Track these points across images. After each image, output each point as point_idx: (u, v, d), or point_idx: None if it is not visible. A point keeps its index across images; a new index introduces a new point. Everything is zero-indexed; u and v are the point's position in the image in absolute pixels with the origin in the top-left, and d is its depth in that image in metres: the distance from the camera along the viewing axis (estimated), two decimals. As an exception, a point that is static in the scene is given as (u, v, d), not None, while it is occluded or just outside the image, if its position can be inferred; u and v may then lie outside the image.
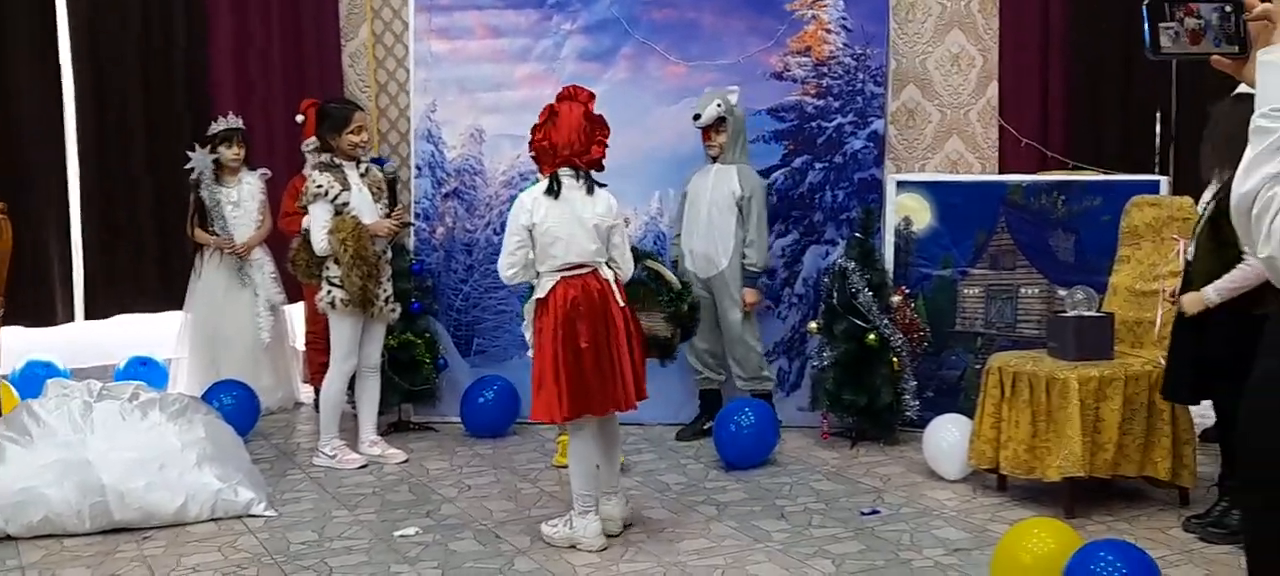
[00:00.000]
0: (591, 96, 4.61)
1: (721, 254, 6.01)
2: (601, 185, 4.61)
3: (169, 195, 7.22)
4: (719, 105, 5.97)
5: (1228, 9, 1.80)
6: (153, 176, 7.33)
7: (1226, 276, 4.34)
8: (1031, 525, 4.04)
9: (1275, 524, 1.76)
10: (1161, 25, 1.82)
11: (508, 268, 4.57)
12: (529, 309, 4.64)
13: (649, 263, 4.71)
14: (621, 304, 4.51)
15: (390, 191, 5.89)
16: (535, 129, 4.60)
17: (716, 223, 6.00)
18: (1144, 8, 1.83)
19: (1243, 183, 1.75)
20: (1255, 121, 1.74)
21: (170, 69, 7.36)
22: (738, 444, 5.66)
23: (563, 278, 4.48)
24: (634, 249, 4.63)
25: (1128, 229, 5.37)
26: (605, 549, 4.56)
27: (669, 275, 4.79)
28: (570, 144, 4.51)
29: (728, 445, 5.69)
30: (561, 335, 4.42)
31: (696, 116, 6.00)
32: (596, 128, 4.57)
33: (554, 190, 4.51)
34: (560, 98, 4.60)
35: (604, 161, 4.62)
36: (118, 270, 7.35)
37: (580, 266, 4.49)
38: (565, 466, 5.05)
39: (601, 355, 4.46)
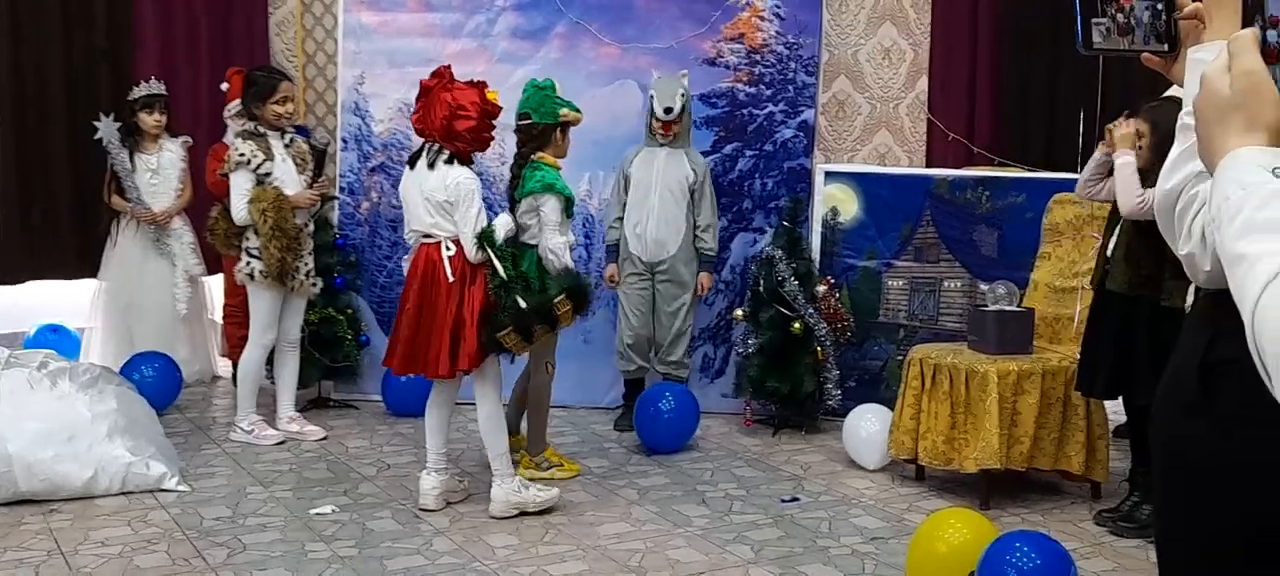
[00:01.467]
0: (449, 75, 4.75)
1: (673, 238, 5.96)
2: (464, 162, 4.70)
3: (86, 160, 7.01)
4: (682, 95, 5.91)
5: (1159, 6, 1.80)
6: (70, 140, 7.13)
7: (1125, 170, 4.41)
8: (947, 515, 4.09)
9: (1182, 520, 1.78)
10: (1094, 20, 1.83)
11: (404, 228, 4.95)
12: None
13: (487, 245, 4.63)
14: (451, 278, 4.62)
15: (318, 163, 5.79)
16: (415, 102, 4.85)
17: (668, 206, 5.94)
18: (1076, 1, 1.83)
19: (1166, 180, 1.76)
20: (1182, 119, 1.75)
21: (91, 32, 7.17)
22: (659, 429, 5.65)
23: (420, 243, 4.74)
24: (484, 232, 4.62)
25: (1049, 226, 5.44)
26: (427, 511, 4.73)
27: (499, 264, 4.62)
28: (431, 121, 4.70)
29: (649, 430, 5.67)
30: (405, 292, 4.77)
31: (668, 109, 5.85)
32: (451, 108, 4.64)
33: (411, 162, 4.83)
34: (433, 75, 4.78)
35: (465, 139, 4.68)
36: (31, 234, 7.14)
37: (427, 237, 4.71)
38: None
39: (422, 321, 4.67)
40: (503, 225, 4.80)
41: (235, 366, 6.61)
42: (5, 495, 4.70)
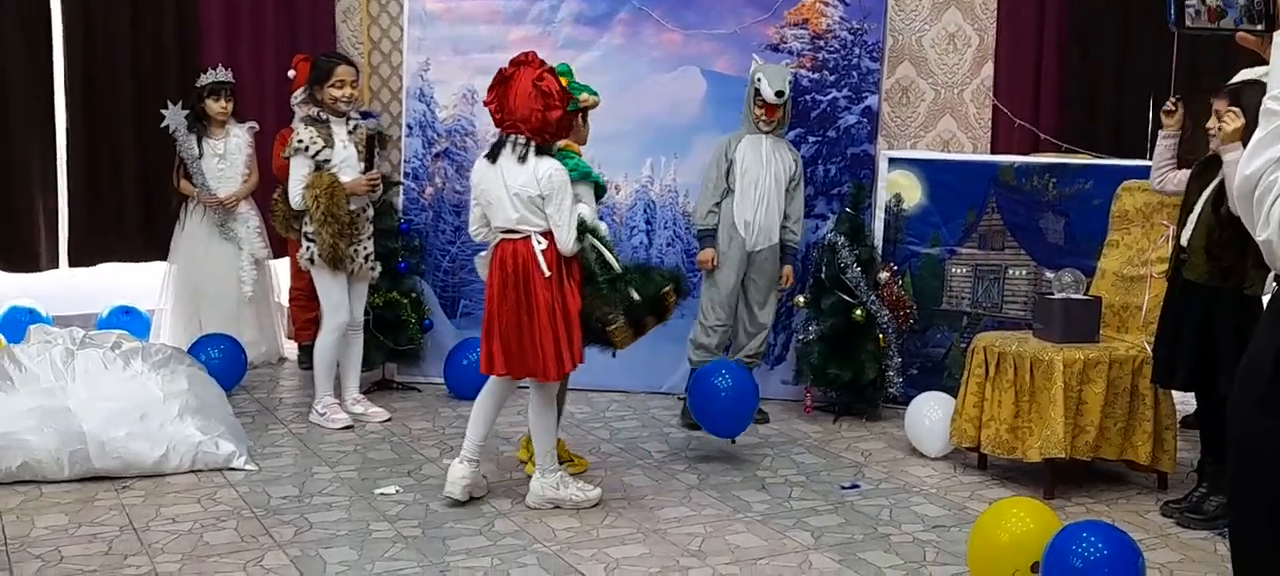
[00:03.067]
0: (543, 63, 4.55)
1: (776, 227, 5.87)
2: (548, 153, 4.53)
3: (155, 145, 7.15)
4: (790, 81, 5.83)
5: None
6: (139, 125, 7.26)
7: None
8: (1010, 504, 4.04)
9: (1256, 512, 1.76)
10: (1186, 1, 1.81)
11: (470, 224, 4.78)
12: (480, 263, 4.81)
13: (591, 238, 4.53)
14: (547, 274, 4.45)
15: (369, 149, 5.79)
16: (489, 90, 4.61)
17: (774, 196, 5.84)
18: None
19: (1247, 165, 1.74)
20: (1266, 103, 1.73)
21: (160, 17, 7.29)
22: (717, 409, 5.32)
23: (502, 239, 4.56)
24: (582, 224, 4.49)
25: (1118, 213, 5.37)
26: (458, 504, 4.65)
27: (609, 255, 4.54)
28: (514, 111, 4.49)
29: (705, 410, 5.36)
30: (493, 294, 4.55)
31: (780, 93, 5.73)
32: (546, 98, 4.47)
33: (492, 155, 4.58)
34: (513, 62, 4.57)
35: (552, 128, 4.52)
36: (102, 218, 7.30)
37: (512, 232, 4.52)
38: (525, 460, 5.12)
39: (521, 322, 4.49)
40: (590, 215, 4.63)
41: (301, 348, 6.71)
42: (80, 471, 4.82)
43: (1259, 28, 1.81)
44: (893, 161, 6.40)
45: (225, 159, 6.83)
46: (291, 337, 7.24)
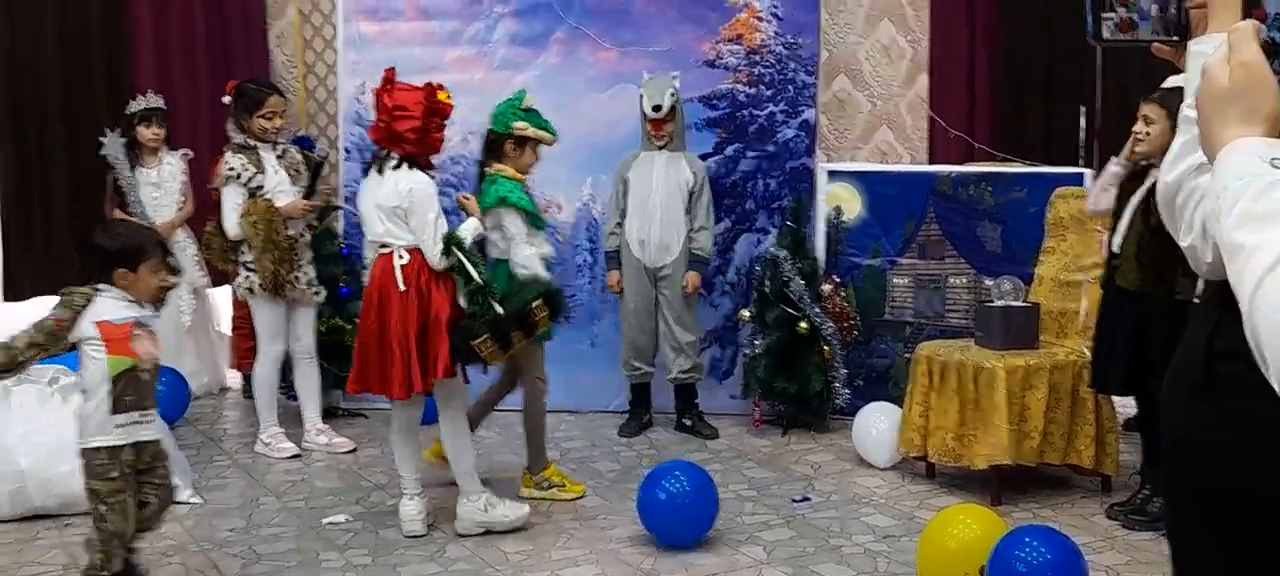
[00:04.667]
0: (391, 79, 4.61)
1: (675, 242, 5.94)
2: (418, 166, 4.54)
3: (88, 174, 7.03)
4: (672, 94, 5.91)
5: None
6: (71, 155, 7.15)
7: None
8: (957, 511, 4.11)
9: (1190, 504, 1.80)
10: (1103, 15, 1.85)
11: None
12: None
13: (455, 250, 4.47)
14: (402, 289, 4.44)
15: (312, 177, 5.75)
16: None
17: (671, 211, 5.92)
18: None
19: (1168, 172, 1.78)
20: (1183, 111, 1.77)
21: (89, 46, 7.19)
22: (670, 515, 4.48)
23: (378, 254, 4.58)
24: (450, 235, 4.45)
25: (1053, 220, 5.46)
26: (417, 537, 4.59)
27: (471, 268, 4.46)
28: (374, 126, 4.60)
29: (655, 516, 4.51)
30: (363, 308, 4.63)
31: (657, 107, 5.83)
32: (391, 111, 4.50)
33: (368, 169, 4.70)
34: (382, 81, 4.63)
35: (409, 140, 4.51)
36: (36, 250, 7.17)
37: (383, 245, 4.55)
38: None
39: (382, 337, 4.47)
40: (470, 229, 4.60)
41: (244, 377, 6.62)
42: (20, 510, 4.73)
43: (1174, 38, 1.85)
44: (832, 174, 6.45)
45: (159, 187, 6.73)
46: (234, 367, 7.15)
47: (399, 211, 4.47)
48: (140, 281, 3.72)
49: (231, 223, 5.49)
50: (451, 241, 4.46)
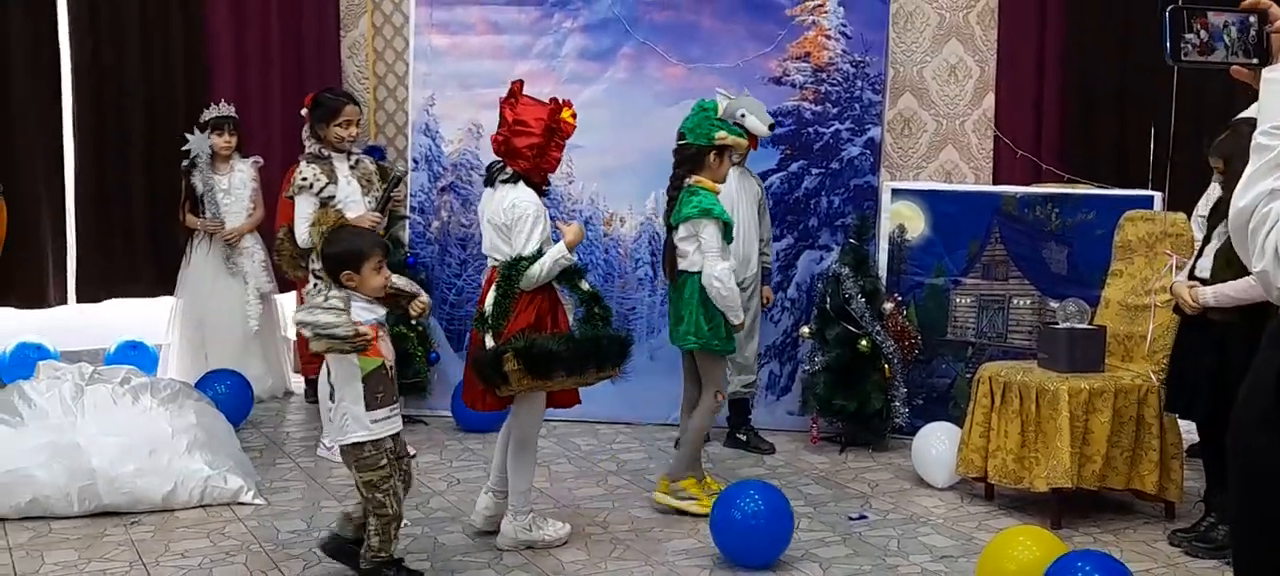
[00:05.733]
0: (517, 92, 4.59)
1: (754, 255, 5.87)
2: (531, 184, 4.48)
3: (163, 180, 7.22)
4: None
5: (1250, 20, 1.81)
6: (147, 161, 7.34)
7: (1228, 284, 4.33)
8: (1017, 533, 4.06)
9: (1257, 530, 1.78)
10: (1183, 35, 1.84)
11: None
12: None
13: (501, 273, 4.41)
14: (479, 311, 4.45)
15: (387, 190, 5.80)
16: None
17: (751, 225, 5.84)
18: (1166, 14, 1.84)
19: (1240, 198, 1.77)
20: (1256, 138, 1.76)
21: (168, 54, 7.37)
22: (743, 535, 4.41)
23: (491, 267, 4.57)
24: (510, 261, 4.37)
25: (1121, 243, 5.39)
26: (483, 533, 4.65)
27: (491, 294, 4.40)
28: (495, 138, 4.57)
29: (727, 535, 4.44)
30: (474, 322, 4.57)
31: (772, 126, 5.73)
32: (509, 123, 4.49)
33: (485, 182, 4.65)
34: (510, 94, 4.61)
35: (526, 157, 4.46)
36: (110, 254, 7.36)
37: (492, 260, 4.54)
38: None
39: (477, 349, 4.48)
40: (552, 256, 4.41)
41: (308, 382, 6.71)
42: (89, 507, 4.83)
43: (1253, 61, 1.84)
44: (896, 192, 6.43)
45: (230, 193, 6.87)
46: (298, 371, 7.26)
47: (504, 227, 4.43)
48: (366, 281, 3.95)
49: (302, 232, 5.56)
50: (509, 266, 4.40)
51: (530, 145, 4.44)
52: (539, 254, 4.39)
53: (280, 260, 5.98)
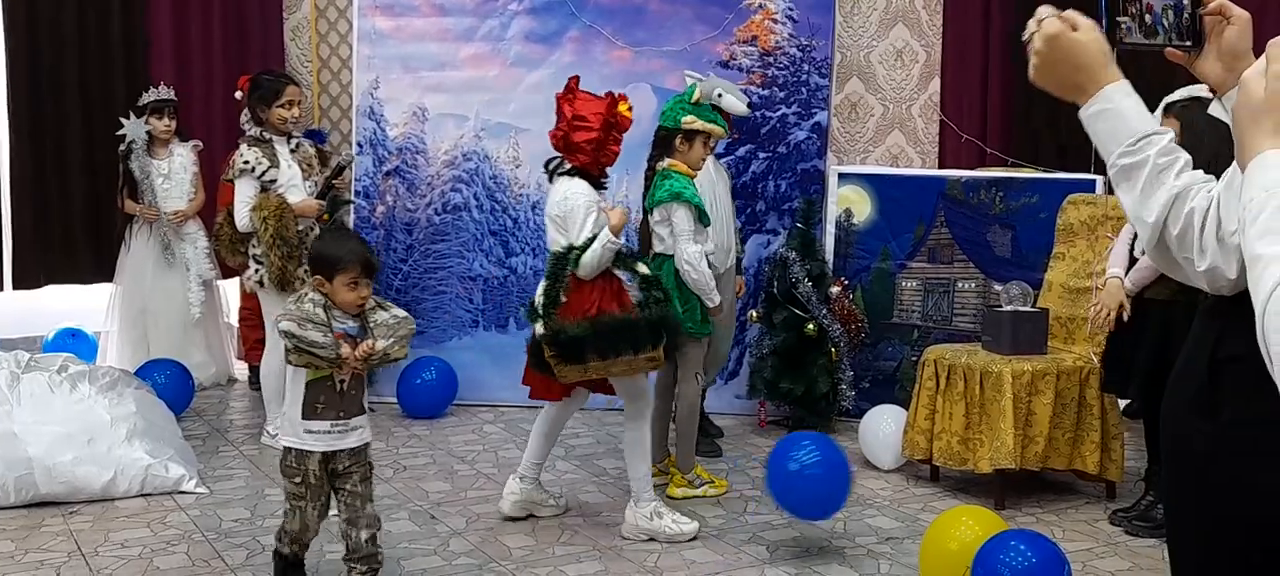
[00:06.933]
0: (574, 87, 4.55)
1: (734, 243, 5.73)
2: (588, 177, 4.49)
3: (101, 165, 7.10)
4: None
5: (1184, 3, 1.82)
6: (85, 146, 7.21)
7: (1138, 266, 4.42)
8: (960, 513, 4.09)
9: (1190, 512, 1.80)
10: (1118, 18, 1.85)
11: None
12: None
13: (640, 267, 4.47)
14: (563, 300, 4.41)
15: (331, 175, 5.73)
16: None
17: (730, 214, 5.72)
18: (1103, 1, 1.85)
19: (1145, 217, 1.75)
20: (1116, 163, 1.77)
21: (107, 38, 7.23)
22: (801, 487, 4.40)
23: None
24: (560, 252, 4.40)
25: (1063, 226, 5.45)
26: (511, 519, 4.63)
27: (542, 284, 4.41)
28: (553, 134, 4.55)
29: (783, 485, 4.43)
30: None
31: (750, 105, 5.71)
32: (569, 119, 4.47)
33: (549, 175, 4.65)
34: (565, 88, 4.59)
35: (585, 151, 4.45)
36: (47, 240, 7.22)
37: None
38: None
39: None
40: (599, 242, 4.40)
41: (251, 369, 6.64)
42: (26, 497, 4.74)
43: (1186, 44, 1.85)
44: (842, 176, 6.46)
45: (170, 178, 6.76)
46: (241, 358, 7.18)
47: (558, 219, 4.47)
48: (335, 293, 3.67)
49: (242, 215, 5.50)
50: (557, 257, 4.41)
51: (588, 140, 4.45)
52: (590, 242, 4.42)
53: (219, 245, 5.90)
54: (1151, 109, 4.66)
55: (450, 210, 6.64)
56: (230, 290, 7.24)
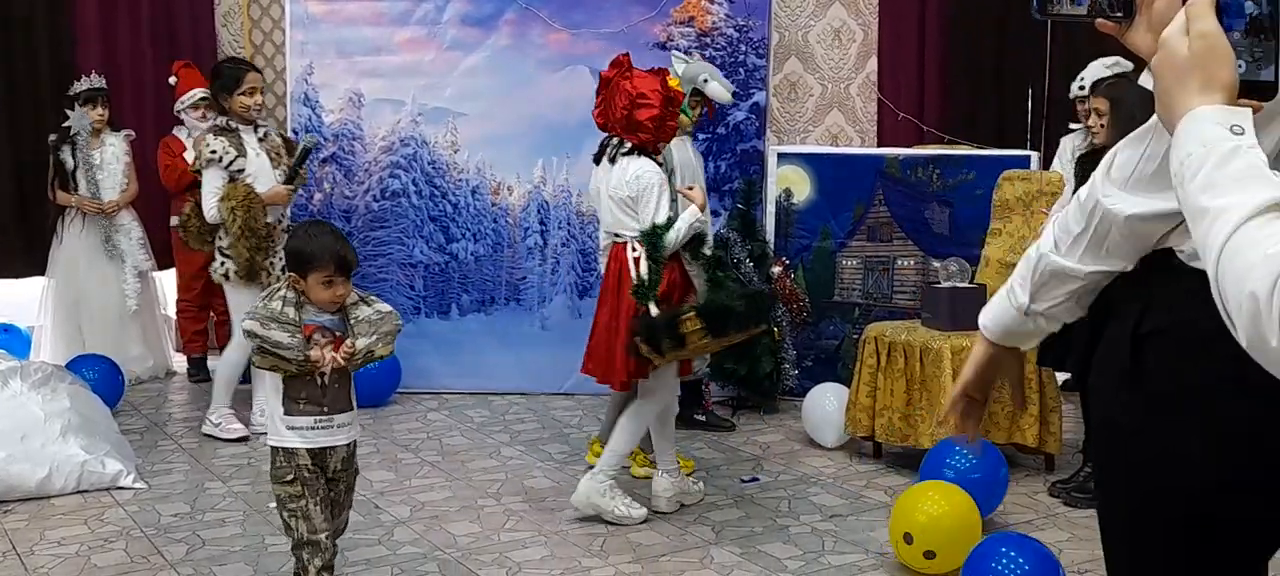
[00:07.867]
0: (628, 65, 4.51)
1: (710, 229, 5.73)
2: (647, 154, 4.46)
3: (30, 157, 6.94)
4: None
5: None
6: (12, 137, 7.05)
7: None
8: (929, 487, 4.07)
9: (1118, 486, 1.83)
10: None
11: None
12: None
13: (645, 243, 4.39)
14: (636, 281, 4.39)
15: (297, 162, 5.62)
16: (595, 97, 4.61)
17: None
18: None
19: (1067, 258, 1.80)
20: (1065, 215, 1.79)
21: (31, 24, 7.07)
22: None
23: (613, 243, 4.55)
24: (647, 231, 4.34)
25: (999, 202, 5.50)
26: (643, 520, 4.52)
27: (642, 262, 4.39)
28: (609, 113, 4.49)
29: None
30: (600, 296, 4.59)
31: (734, 93, 5.69)
32: (631, 97, 4.41)
33: (597, 157, 4.68)
34: (612, 64, 4.55)
35: (648, 128, 4.41)
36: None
37: (617, 236, 4.51)
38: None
39: (611, 327, 4.45)
40: (686, 220, 4.41)
41: (190, 360, 6.55)
42: (-42, 497, 4.65)
43: (1117, 15, 1.85)
44: (782, 156, 6.47)
45: (103, 168, 6.64)
46: (180, 350, 7.07)
47: (629, 201, 4.42)
48: (310, 290, 3.49)
49: (210, 206, 5.39)
50: (646, 236, 4.37)
51: (651, 117, 4.41)
52: (671, 221, 4.39)
53: (186, 237, 5.78)
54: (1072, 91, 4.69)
55: (389, 196, 6.58)
56: (167, 282, 7.12)
